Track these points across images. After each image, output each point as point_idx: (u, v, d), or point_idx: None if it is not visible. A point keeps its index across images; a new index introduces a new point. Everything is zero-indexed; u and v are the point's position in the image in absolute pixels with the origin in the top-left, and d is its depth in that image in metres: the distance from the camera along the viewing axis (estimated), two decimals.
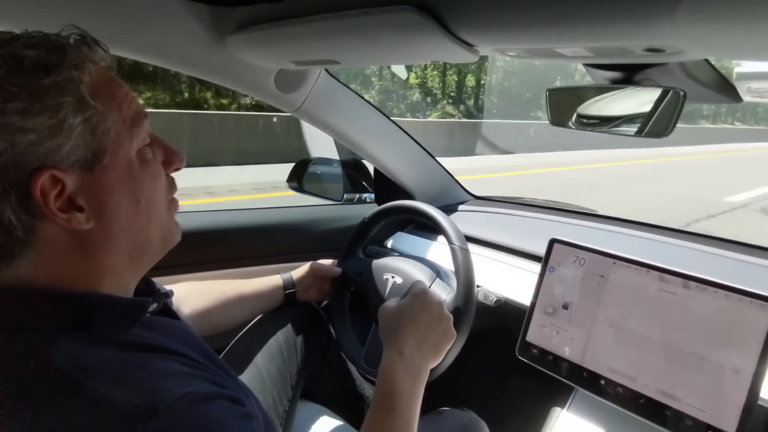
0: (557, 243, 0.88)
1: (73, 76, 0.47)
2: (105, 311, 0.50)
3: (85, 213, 0.49)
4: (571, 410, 0.91)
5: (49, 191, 0.47)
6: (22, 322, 0.47)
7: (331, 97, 1.19)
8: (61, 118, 0.46)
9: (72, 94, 0.47)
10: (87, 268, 0.51)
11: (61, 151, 0.47)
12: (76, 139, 0.48)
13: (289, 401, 0.96)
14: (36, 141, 0.45)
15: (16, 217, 0.46)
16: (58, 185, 0.47)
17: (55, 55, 0.47)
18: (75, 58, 0.48)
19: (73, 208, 0.49)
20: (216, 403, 0.47)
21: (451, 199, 1.46)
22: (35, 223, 0.47)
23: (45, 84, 0.46)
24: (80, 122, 0.48)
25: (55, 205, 0.47)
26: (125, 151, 0.52)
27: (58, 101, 0.46)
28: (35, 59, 0.46)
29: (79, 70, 0.48)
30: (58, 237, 0.49)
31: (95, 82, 0.50)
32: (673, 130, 0.71)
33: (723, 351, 0.68)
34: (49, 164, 0.46)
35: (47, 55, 0.47)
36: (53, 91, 0.46)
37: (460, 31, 0.66)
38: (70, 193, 0.48)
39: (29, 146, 0.45)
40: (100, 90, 0.50)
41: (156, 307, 0.61)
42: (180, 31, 0.91)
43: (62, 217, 0.48)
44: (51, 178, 0.47)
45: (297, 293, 1.07)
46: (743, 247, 0.95)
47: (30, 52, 0.46)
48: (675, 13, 0.46)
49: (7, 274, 0.48)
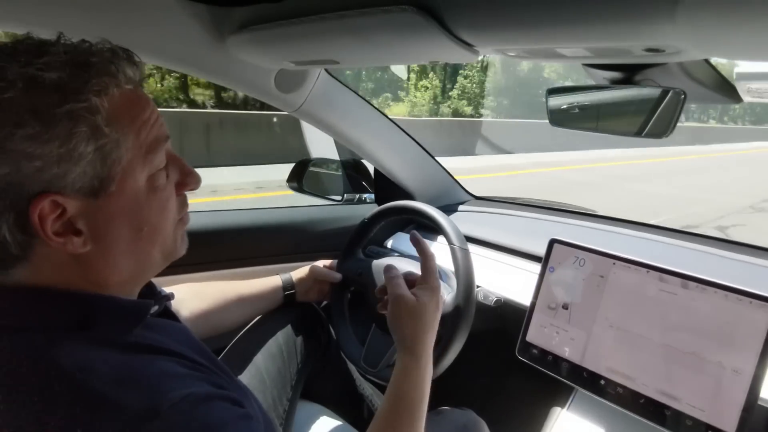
0: (557, 243, 0.88)
1: (91, 105, 0.45)
2: (107, 312, 0.50)
3: (83, 237, 0.48)
4: (571, 410, 0.91)
5: (48, 215, 0.45)
6: (25, 321, 0.47)
7: (331, 97, 1.19)
8: (72, 146, 0.44)
9: (87, 124, 0.45)
10: (85, 282, 0.51)
11: (66, 178, 0.45)
12: (85, 167, 0.46)
13: (289, 401, 0.96)
14: (42, 167, 0.44)
15: (11, 235, 0.45)
16: (58, 209, 0.46)
17: (77, 79, 0.45)
18: (98, 83, 0.46)
19: (70, 231, 0.47)
20: (217, 404, 0.47)
21: (451, 200, 1.46)
22: (32, 241, 0.47)
23: (60, 112, 0.43)
24: (92, 151, 0.46)
25: (52, 227, 0.46)
26: (134, 180, 0.50)
27: (71, 131, 0.44)
28: (56, 83, 0.44)
29: (99, 96, 0.46)
30: (55, 254, 0.48)
31: (116, 107, 0.48)
32: (674, 131, 0.71)
33: (723, 351, 0.68)
34: (52, 190, 0.45)
35: (69, 79, 0.44)
36: (67, 119, 0.44)
37: (460, 32, 0.66)
38: (71, 216, 0.47)
39: (34, 172, 0.44)
40: (120, 115, 0.48)
41: (157, 309, 0.61)
42: (180, 31, 0.91)
43: (58, 241, 0.47)
44: (51, 203, 0.45)
45: (297, 294, 1.07)
46: (743, 248, 0.95)
47: (52, 74, 0.44)
48: (675, 13, 0.46)
49: (3, 279, 0.48)
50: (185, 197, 0.58)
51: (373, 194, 1.53)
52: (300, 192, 1.54)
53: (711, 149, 14.40)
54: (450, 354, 0.94)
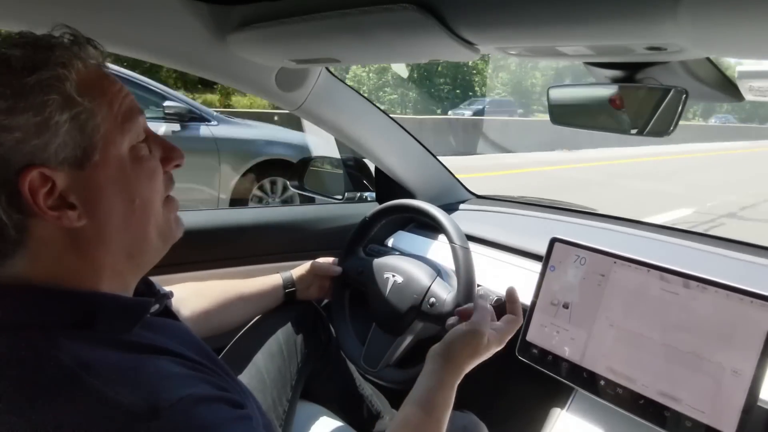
0: (558, 242, 0.88)
1: (59, 74, 0.47)
2: (107, 310, 0.51)
3: (77, 211, 0.49)
4: (571, 411, 0.90)
5: (38, 189, 0.46)
6: (24, 319, 0.47)
7: (332, 95, 1.18)
8: (47, 115, 0.46)
9: (58, 92, 0.47)
10: (84, 267, 0.51)
11: (48, 149, 0.47)
12: (64, 137, 0.47)
13: (289, 401, 0.96)
14: (22, 139, 0.45)
15: (7, 215, 0.46)
16: (48, 183, 0.47)
17: (41, 54, 0.47)
18: (62, 56, 0.48)
19: (65, 206, 0.48)
20: (216, 406, 0.47)
21: (452, 198, 1.46)
22: (28, 221, 0.47)
23: (29, 82, 0.45)
24: (67, 119, 0.47)
25: (45, 203, 0.47)
26: (116, 148, 0.51)
27: (43, 99, 0.46)
28: (21, 58, 0.46)
29: (65, 68, 0.48)
30: (52, 235, 0.49)
31: (84, 79, 0.49)
32: (675, 129, 0.71)
33: (723, 351, 0.68)
34: (36, 162, 0.46)
35: (34, 54, 0.47)
36: (38, 89, 0.46)
37: (461, 30, 0.65)
38: (62, 190, 0.48)
39: (15, 144, 0.45)
40: (90, 87, 0.50)
41: (157, 308, 0.61)
42: (181, 29, 0.91)
43: (52, 214, 0.47)
44: (40, 176, 0.46)
45: (297, 292, 1.07)
46: (744, 247, 0.95)
47: (17, 51, 0.46)
48: (676, 11, 0.46)
49: (4, 272, 0.48)
50: (171, 175, 0.59)
51: (374, 193, 1.53)
52: (301, 191, 1.54)
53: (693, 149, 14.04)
54: None
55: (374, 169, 1.48)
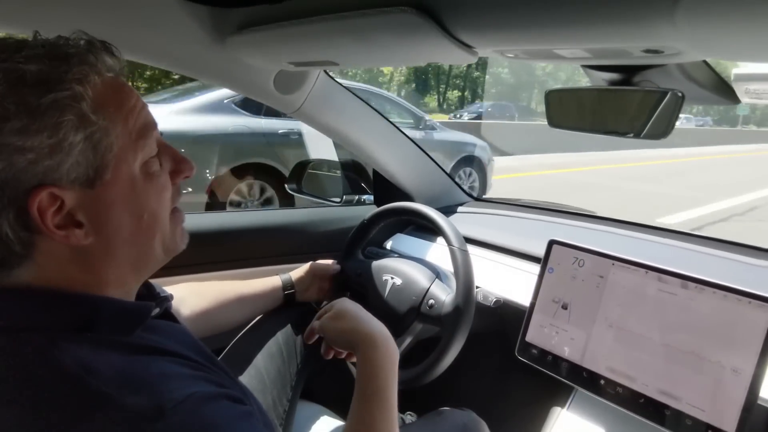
0: (556, 244, 0.88)
1: (75, 93, 0.46)
2: (110, 314, 0.50)
3: (84, 229, 0.48)
4: (571, 410, 0.91)
5: (47, 208, 0.46)
6: (27, 323, 0.47)
7: (330, 98, 1.19)
8: (62, 137, 0.45)
9: (73, 112, 0.46)
10: (88, 277, 0.51)
11: (60, 169, 0.46)
12: (77, 157, 0.46)
13: (288, 401, 0.96)
14: (34, 160, 0.44)
15: (13, 232, 0.45)
16: (57, 202, 0.46)
17: (57, 69, 0.45)
18: (79, 71, 0.47)
19: (71, 224, 0.48)
20: (220, 403, 0.47)
21: (450, 201, 1.46)
22: (34, 238, 0.47)
23: (45, 102, 0.44)
24: (81, 140, 0.46)
25: (53, 221, 0.46)
26: (128, 166, 0.50)
27: (58, 120, 0.45)
28: (37, 75, 0.44)
29: (82, 84, 0.46)
30: (58, 250, 0.48)
31: (100, 95, 0.48)
32: (672, 131, 0.71)
33: (722, 351, 0.68)
34: (47, 182, 0.45)
35: (49, 70, 0.45)
36: (53, 109, 0.44)
37: (459, 33, 0.66)
38: (70, 209, 0.47)
39: (27, 165, 0.44)
40: (105, 102, 0.48)
41: (158, 311, 0.61)
42: (179, 32, 0.91)
43: (60, 234, 0.47)
44: (49, 196, 0.46)
45: (296, 294, 1.07)
46: (742, 248, 0.96)
47: (32, 66, 0.44)
48: (673, 14, 0.46)
49: (8, 280, 0.48)
50: (179, 187, 0.59)
51: (372, 196, 1.53)
52: (299, 193, 1.54)
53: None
54: (449, 355, 0.94)
55: (372, 172, 1.49)
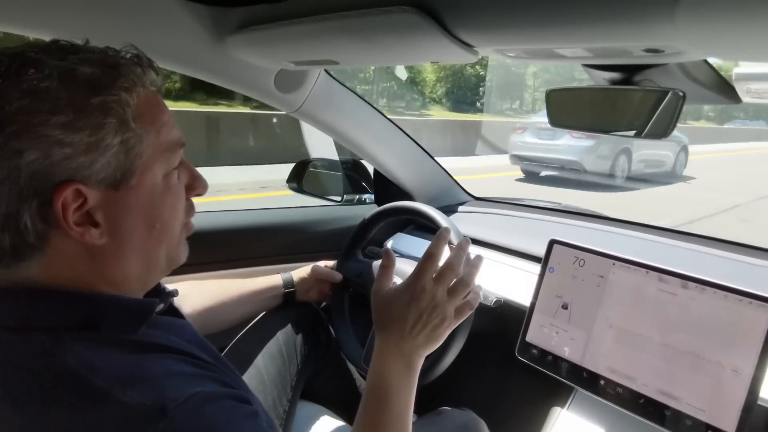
0: (557, 244, 0.88)
1: (121, 99, 0.48)
2: (113, 312, 0.51)
3: (100, 229, 0.49)
4: (571, 410, 0.91)
5: (70, 204, 0.47)
6: (30, 321, 0.47)
7: (331, 97, 1.19)
8: (101, 137, 0.47)
9: (116, 116, 0.48)
10: (94, 278, 0.51)
11: (92, 167, 0.47)
12: (110, 158, 0.48)
13: (289, 402, 0.96)
14: (70, 155, 0.45)
15: (32, 223, 0.46)
16: (80, 199, 0.47)
17: (108, 75, 0.48)
18: (127, 80, 0.49)
19: (89, 222, 0.49)
20: (224, 403, 0.47)
21: (451, 200, 1.46)
22: (49, 231, 0.47)
23: (93, 102, 0.46)
24: (118, 143, 0.48)
25: (72, 217, 0.47)
26: (153, 175, 0.52)
27: (101, 121, 0.47)
28: (89, 76, 0.46)
29: (128, 92, 0.49)
30: (69, 247, 0.49)
31: (141, 105, 0.50)
32: (673, 131, 0.71)
33: (722, 351, 0.68)
34: (77, 178, 0.46)
35: (101, 74, 0.47)
36: (99, 110, 0.46)
37: (460, 32, 0.66)
38: (90, 207, 0.48)
39: (63, 159, 0.45)
40: (144, 113, 0.50)
41: (162, 307, 0.61)
42: (179, 31, 0.91)
43: (77, 230, 0.48)
44: (75, 192, 0.47)
45: (297, 293, 1.07)
46: (742, 248, 0.95)
47: (86, 68, 0.47)
48: (674, 13, 0.46)
49: (15, 272, 0.48)
50: (192, 203, 0.60)
51: (373, 195, 1.53)
52: (300, 192, 1.54)
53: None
54: (449, 354, 0.94)
55: (373, 171, 1.48)
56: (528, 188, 7.54)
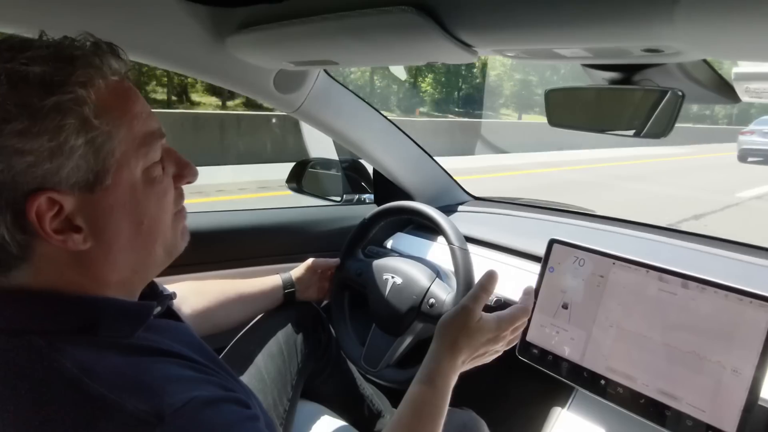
0: (557, 243, 0.88)
1: (78, 97, 0.45)
2: (110, 315, 0.50)
3: (83, 234, 0.48)
4: (571, 410, 0.91)
5: (45, 213, 0.45)
6: (27, 326, 0.47)
7: (330, 97, 1.19)
8: (62, 140, 0.44)
9: (75, 116, 0.45)
10: (87, 281, 0.50)
11: (60, 173, 0.45)
12: (77, 161, 0.45)
13: (289, 401, 0.96)
14: (34, 163, 0.43)
15: (10, 235, 0.45)
16: (56, 207, 0.46)
17: (61, 72, 0.44)
18: (83, 74, 0.46)
19: (70, 228, 0.47)
20: (222, 407, 0.47)
21: (451, 200, 1.46)
22: (32, 241, 0.46)
23: (47, 105, 0.43)
24: (82, 144, 0.45)
25: (51, 225, 0.45)
26: (129, 172, 0.49)
27: (59, 123, 0.44)
28: (40, 76, 0.43)
29: (85, 88, 0.45)
30: (55, 254, 0.48)
31: (104, 99, 0.47)
32: (672, 131, 0.71)
33: (723, 351, 0.68)
34: (46, 186, 0.45)
35: (53, 72, 0.44)
36: (55, 112, 0.43)
37: (459, 32, 0.66)
38: (68, 213, 0.47)
39: (27, 168, 0.43)
40: (109, 107, 0.47)
41: (160, 310, 0.61)
42: (179, 31, 0.91)
43: (58, 238, 0.46)
44: (48, 200, 0.45)
45: (297, 292, 1.07)
46: (743, 247, 0.95)
47: (36, 67, 0.43)
48: (673, 13, 0.46)
49: (6, 282, 0.48)
50: (182, 190, 0.58)
51: (373, 195, 1.53)
52: (299, 193, 1.54)
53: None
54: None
55: (372, 171, 1.48)
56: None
